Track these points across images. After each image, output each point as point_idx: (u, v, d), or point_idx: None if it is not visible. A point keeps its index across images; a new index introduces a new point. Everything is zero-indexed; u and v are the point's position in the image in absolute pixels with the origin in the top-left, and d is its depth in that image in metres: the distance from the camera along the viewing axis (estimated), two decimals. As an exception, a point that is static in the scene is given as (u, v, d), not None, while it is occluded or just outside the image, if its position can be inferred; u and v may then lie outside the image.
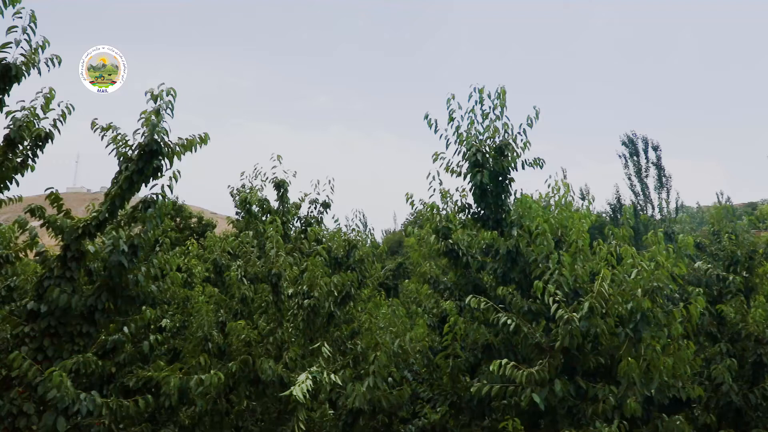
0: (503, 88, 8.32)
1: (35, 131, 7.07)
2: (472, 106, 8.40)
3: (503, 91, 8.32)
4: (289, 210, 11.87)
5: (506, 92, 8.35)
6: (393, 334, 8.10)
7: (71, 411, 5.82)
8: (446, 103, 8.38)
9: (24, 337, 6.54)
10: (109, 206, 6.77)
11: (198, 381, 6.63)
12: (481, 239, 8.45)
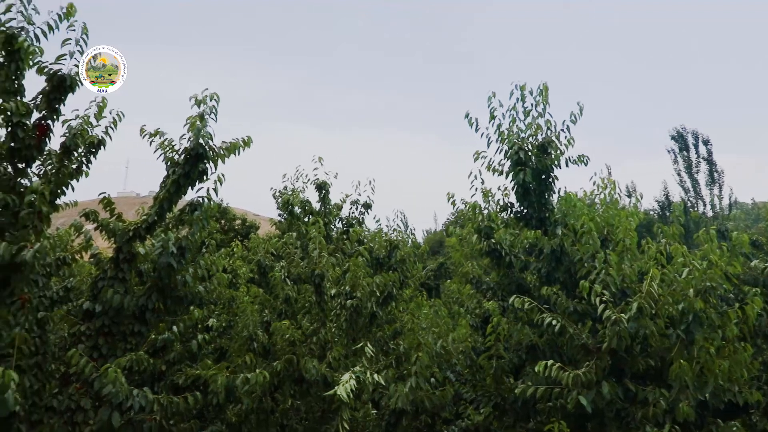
0: (545, 85, 8.18)
1: (89, 138, 7.36)
2: (514, 104, 8.29)
3: (545, 88, 8.17)
4: (330, 211, 11.99)
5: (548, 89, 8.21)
6: (435, 335, 8.07)
7: (125, 406, 6.03)
8: (487, 101, 8.30)
9: (80, 335, 6.82)
10: (157, 209, 6.99)
11: (244, 379, 6.76)
12: (524, 238, 8.33)
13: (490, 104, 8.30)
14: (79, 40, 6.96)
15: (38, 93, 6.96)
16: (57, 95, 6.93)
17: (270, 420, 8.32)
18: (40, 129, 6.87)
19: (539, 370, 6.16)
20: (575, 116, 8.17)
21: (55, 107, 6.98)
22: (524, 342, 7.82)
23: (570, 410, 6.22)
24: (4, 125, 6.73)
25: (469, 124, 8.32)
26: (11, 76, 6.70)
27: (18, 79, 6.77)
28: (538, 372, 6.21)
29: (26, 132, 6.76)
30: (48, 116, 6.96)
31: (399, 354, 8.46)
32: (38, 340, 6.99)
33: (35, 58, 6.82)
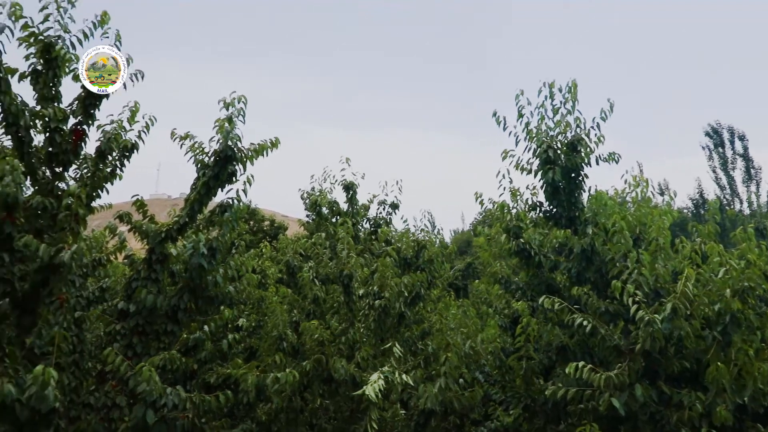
0: (574, 82, 8.06)
1: (122, 143, 7.55)
2: (542, 102, 8.20)
3: (574, 85, 8.06)
4: (358, 211, 12.03)
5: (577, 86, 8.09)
6: (464, 335, 8.03)
7: (159, 404, 6.16)
8: (515, 99, 8.23)
9: (115, 334, 7.00)
10: (188, 211, 7.12)
11: (274, 379, 6.83)
12: (554, 238, 8.22)
13: (518, 102, 8.23)
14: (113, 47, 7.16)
15: (74, 99, 7.17)
16: (92, 101, 7.13)
17: (299, 419, 8.39)
18: (76, 134, 7.07)
19: (570, 372, 6.08)
20: (605, 113, 8.04)
21: (90, 113, 7.18)
22: (554, 343, 7.72)
23: (602, 413, 6.12)
24: (43, 131, 6.95)
25: (497, 123, 8.26)
26: (49, 83, 6.92)
27: (55, 86, 6.99)
28: (568, 373, 6.12)
29: (63, 137, 6.97)
30: (84, 121, 7.17)
31: (427, 354, 8.44)
32: (76, 339, 7.20)
33: (71, 65, 7.03)
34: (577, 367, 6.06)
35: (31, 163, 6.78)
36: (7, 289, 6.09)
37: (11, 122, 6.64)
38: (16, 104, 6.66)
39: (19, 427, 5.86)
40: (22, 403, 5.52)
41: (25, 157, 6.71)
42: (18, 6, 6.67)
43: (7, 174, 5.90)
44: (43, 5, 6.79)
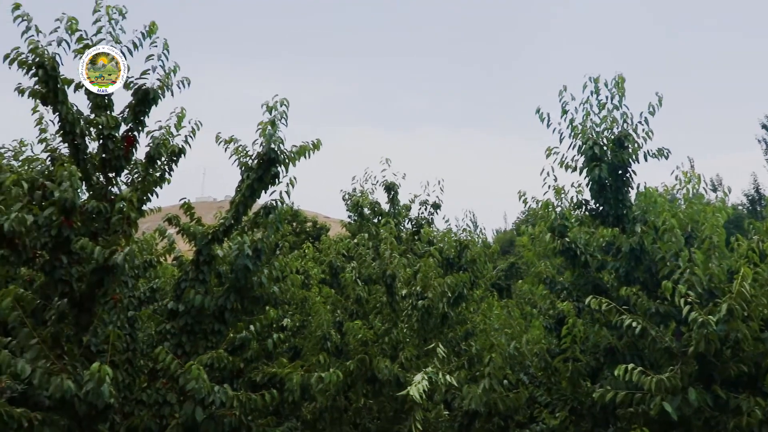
0: (621, 76, 7.86)
1: (170, 148, 7.80)
2: (587, 97, 8.02)
3: (621, 79, 7.85)
4: (399, 212, 12.05)
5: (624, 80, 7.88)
6: (508, 336, 7.92)
7: (207, 402, 6.33)
8: (558, 95, 8.07)
9: (166, 333, 7.23)
10: (234, 213, 7.29)
11: (318, 378, 6.91)
12: (600, 237, 8.02)
13: (561, 98, 8.07)
14: (160, 55, 7.41)
15: (125, 107, 7.45)
16: (142, 108, 7.40)
17: (343, 418, 8.47)
18: (127, 140, 7.34)
19: (619, 374, 5.91)
20: (654, 107, 7.80)
21: (140, 119, 7.45)
22: (602, 344, 7.53)
23: (653, 417, 5.93)
24: (96, 138, 7.25)
25: (541, 120, 8.13)
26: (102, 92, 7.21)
27: (108, 95, 7.28)
28: (617, 376, 5.96)
29: (115, 144, 7.26)
30: (134, 128, 7.44)
31: (471, 355, 8.38)
32: (129, 338, 7.48)
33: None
34: (626, 369, 5.89)
35: (87, 169, 7.08)
36: (65, 289, 6.38)
37: (68, 130, 6.96)
38: (73, 113, 6.97)
39: (78, 422, 6.13)
40: (80, 399, 5.78)
41: (80, 163, 7.01)
42: (74, 20, 6.98)
43: (65, 180, 6.18)
44: (96, 18, 7.09)
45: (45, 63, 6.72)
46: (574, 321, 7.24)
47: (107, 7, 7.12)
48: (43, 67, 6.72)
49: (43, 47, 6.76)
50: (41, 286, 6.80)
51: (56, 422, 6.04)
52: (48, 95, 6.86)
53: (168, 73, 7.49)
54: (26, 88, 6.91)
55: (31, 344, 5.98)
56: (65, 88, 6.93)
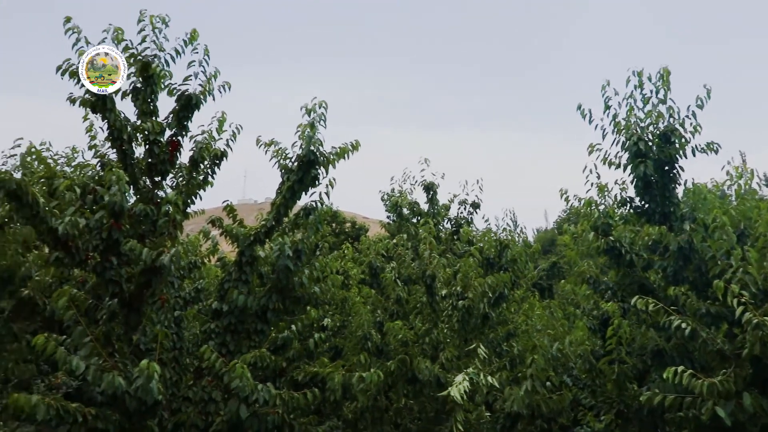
0: (666, 69, 7.63)
1: (212, 151, 7.99)
2: (631, 92, 7.81)
3: (667, 72, 7.62)
4: (438, 212, 12.00)
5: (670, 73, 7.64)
6: (551, 337, 7.79)
7: (251, 400, 6.45)
8: (600, 90, 7.89)
9: (210, 332, 7.40)
10: (275, 215, 7.41)
11: (359, 378, 6.95)
12: (646, 235, 7.79)
13: (604, 94, 7.89)
14: (202, 61, 7.61)
15: (170, 112, 7.68)
16: (185, 113, 7.62)
17: (384, 418, 8.48)
18: (172, 145, 7.57)
19: (668, 377, 5.73)
20: (702, 100, 7.53)
21: (184, 124, 7.67)
22: (649, 346, 7.32)
23: (704, 422, 5.72)
24: (143, 143, 7.50)
25: (582, 116, 7.96)
26: (147, 99, 7.47)
27: (153, 102, 7.53)
28: (666, 379, 5.77)
29: (161, 148, 7.49)
30: (178, 133, 7.67)
31: (513, 356, 8.27)
32: (175, 337, 7.69)
33: (166, 81, 7.55)
34: (675, 372, 5.70)
35: (134, 174, 7.34)
36: (116, 290, 6.62)
37: (116, 137, 7.24)
38: (120, 120, 7.24)
39: (128, 417, 6.35)
40: (130, 395, 5.99)
41: (128, 168, 7.27)
42: (120, 30, 7.25)
43: (113, 184, 6.42)
44: (140, 27, 7.34)
45: (94, 72, 6.99)
46: (620, 322, 7.06)
47: (151, 17, 7.36)
48: (92, 76, 6.99)
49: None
50: (93, 287, 7.08)
51: (108, 417, 6.28)
52: (97, 103, 7.14)
53: (209, 79, 7.69)
54: (77, 97, 7.22)
55: (85, 342, 6.23)
56: (113, 96, 7.20)
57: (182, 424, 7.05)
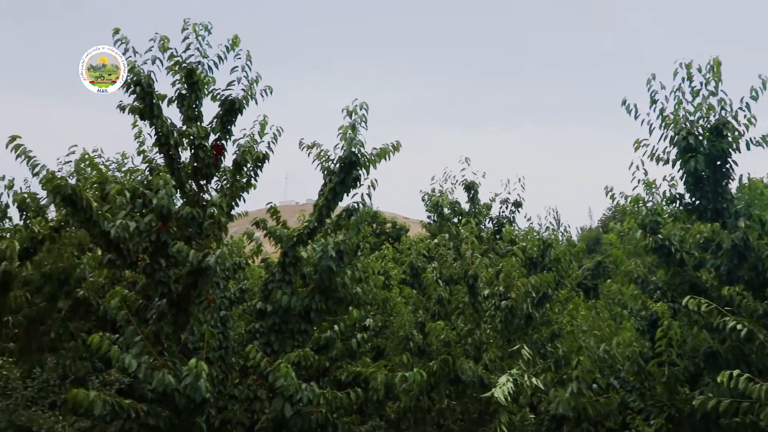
0: (717, 60, 7.34)
1: (255, 154, 8.15)
2: (679, 84, 7.55)
3: (717, 63, 7.34)
4: (480, 211, 11.88)
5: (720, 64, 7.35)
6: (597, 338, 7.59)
7: (295, 399, 6.55)
8: (646, 84, 7.66)
9: (255, 332, 7.56)
10: (317, 216, 7.51)
11: (402, 378, 6.96)
12: (697, 233, 7.52)
13: (650, 87, 7.67)
14: (244, 66, 7.78)
15: (213, 117, 7.89)
16: (229, 118, 7.81)
17: (427, 419, 8.46)
18: (216, 149, 7.77)
19: (723, 381, 5.52)
20: (757, 91, 7.22)
21: (227, 129, 7.87)
22: (701, 348, 7.07)
23: (763, 428, 5.49)
24: (188, 148, 7.72)
25: (627, 111, 7.76)
26: (192, 105, 7.68)
27: (197, 107, 7.74)
28: (720, 383, 5.57)
29: (206, 153, 7.70)
30: (222, 137, 7.86)
31: (558, 357, 8.12)
32: (222, 336, 7.88)
33: (210, 87, 7.75)
34: (731, 375, 5.49)
35: (180, 178, 7.56)
36: (164, 290, 6.84)
37: (163, 142, 7.48)
38: (167, 126, 7.47)
39: (177, 414, 6.55)
40: (179, 392, 6.17)
41: (175, 172, 7.50)
42: (166, 39, 7.49)
43: (161, 188, 6.63)
44: (184, 36, 7.55)
45: (141, 81, 7.25)
46: (670, 323, 6.83)
47: (194, 25, 7.57)
48: (140, 85, 7.25)
49: (139, 66, 7.29)
50: (143, 288, 7.32)
51: (159, 414, 6.49)
52: (145, 110, 7.39)
53: (251, 83, 7.85)
54: (126, 105, 7.49)
55: (136, 341, 6.46)
56: (160, 103, 7.44)
57: (228, 422, 7.22)
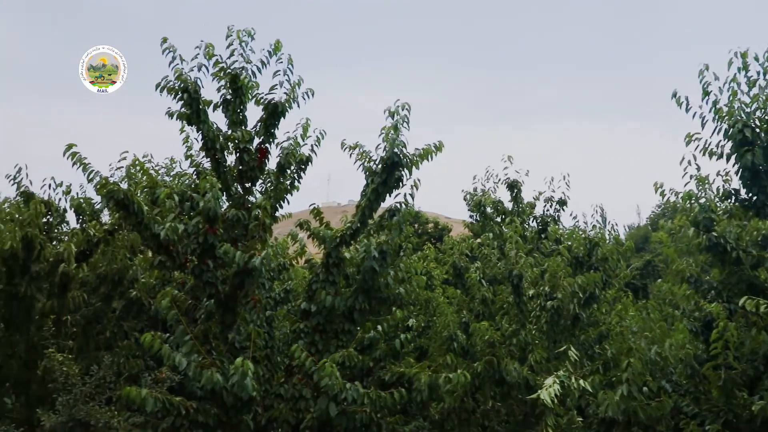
0: (775, 47, 7.00)
1: (298, 156, 8.27)
2: (734, 75, 7.24)
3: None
4: (523, 210, 11.71)
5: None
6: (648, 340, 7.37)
7: (340, 398, 6.61)
8: (698, 75, 7.38)
9: (300, 332, 7.66)
10: (360, 216, 7.56)
11: (446, 379, 6.92)
12: (754, 230, 7.20)
13: (702, 79, 7.37)
14: (286, 70, 7.90)
15: (257, 121, 8.04)
16: (272, 121, 7.95)
17: (471, 420, 8.39)
18: (261, 152, 7.93)
19: (785, 385, 5.26)
20: (819, 81, 6.85)
21: (271, 132, 8.01)
22: (761, 351, 6.76)
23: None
24: (233, 152, 7.91)
25: (678, 104, 7.49)
26: (237, 110, 7.86)
27: (242, 111, 7.92)
28: (782, 386, 5.30)
29: (250, 156, 7.87)
30: (266, 140, 8.02)
31: (606, 359, 7.92)
32: (267, 336, 8.03)
33: (253, 91, 7.90)
34: (793, 379, 5.23)
35: (226, 181, 7.75)
36: (212, 291, 7.02)
37: (210, 147, 7.68)
38: (213, 131, 7.68)
39: (225, 411, 6.71)
40: (227, 391, 6.32)
41: (221, 175, 7.70)
42: (211, 46, 7.69)
43: (208, 191, 6.81)
44: (228, 42, 7.73)
45: (188, 87, 7.47)
46: (726, 324, 6.56)
47: (237, 32, 7.73)
48: (187, 92, 7.47)
49: (186, 73, 7.51)
50: (191, 288, 7.54)
51: (208, 411, 6.66)
52: (192, 116, 7.61)
53: (293, 87, 7.97)
54: (174, 111, 7.72)
55: (186, 340, 6.65)
56: (206, 109, 7.64)
57: (275, 420, 7.34)
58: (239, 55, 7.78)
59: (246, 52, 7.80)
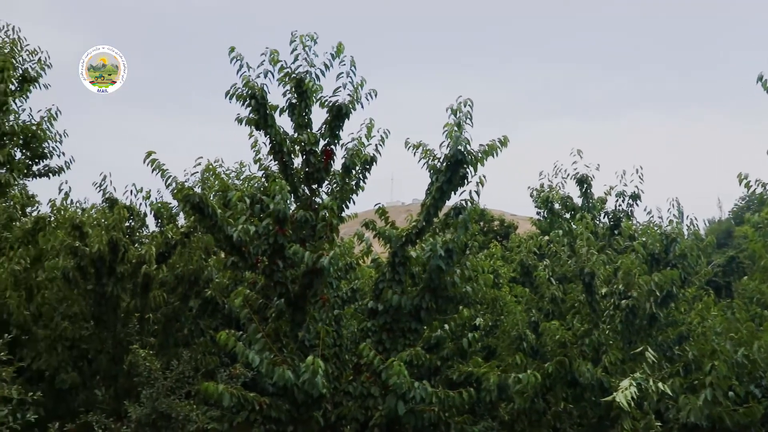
0: None
1: (363, 157, 8.36)
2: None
3: None
4: (594, 205, 11.29)
5: None
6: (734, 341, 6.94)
7: (408, 397, 6.63)
8: (785, 59, 6.85)
9: (367, 331, 7.74)
10: (425, 215, 7.55)
11: (515, 379, 6.81)
12: None
13: (790, 63, 6.85)
14: (349, 72, 8.00)
15: (322, 123, 8.20)
16: (337, 123, 8.09)
17: (542, 421, 8.19)
18: (326, 154, 8.08)
19: None
20: None
21: (336, 133, 8.14)
22: None
23: None
24: (300, 154, 8.10)
25: (764, 88, 6.99)
26: (302, 113, 8.04)
27: (307, 114, 8.09)
28: None
29: (316, 158, 8.03)
30: (331, 142, 8.16)
31: (687, 361, 7.53)
32: (336, 334, 8.17)
33: (318, 94, 8.06)
34: None
35: (294, 183, 7.95)
36: (282, 290, 7.22)
37: (277, 150, 7.92)
38: (280, 135, 7.90)
39: (296, 408, 6.89)
40: (298, 388, 6.49)
41: (288, 178, 7.90)
42: (276, 52, 7.91)
43: (277, 193, 7.01)
44: (292, 47, 7.92)
45: (255, 93, 7.72)
46: (823, 325, 6.08)
47: (300, 37, 7.91)
48: (254, 98, 7.72)
49: (252, 80, 7.76)
50: (262, 288, 7.78)
51: (280, 407, 6.87)
52: (260, 121, 7.86)
53: (356, 88, 8.06)
54: (243, 117, 8.00)
55: (258, 338, 6.89)
56: (273, 114, 7.87)
57: (344, 417, 7.46)
58: (303, 60, 7.95)
59: (309, 56, 7.96)
